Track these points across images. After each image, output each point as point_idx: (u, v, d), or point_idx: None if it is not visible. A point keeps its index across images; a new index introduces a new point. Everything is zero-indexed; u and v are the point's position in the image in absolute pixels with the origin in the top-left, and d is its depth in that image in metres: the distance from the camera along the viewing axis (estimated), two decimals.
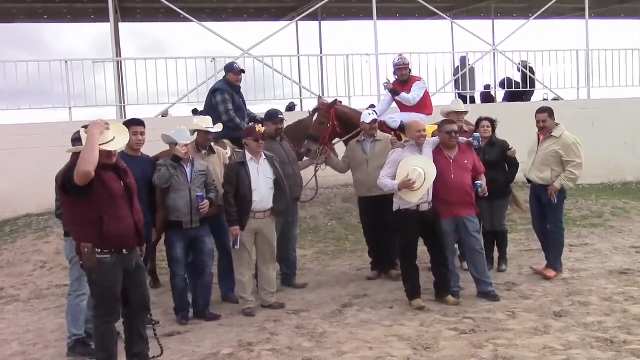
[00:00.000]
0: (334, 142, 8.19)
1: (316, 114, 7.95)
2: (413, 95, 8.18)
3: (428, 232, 6.45)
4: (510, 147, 7.43)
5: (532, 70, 14.17)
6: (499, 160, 7.42)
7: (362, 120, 7.50)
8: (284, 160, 7.03)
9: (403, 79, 8.41)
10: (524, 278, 7.20)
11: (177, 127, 6.50)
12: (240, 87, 8.21)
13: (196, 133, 6.64)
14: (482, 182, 6.46)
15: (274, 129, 7.16)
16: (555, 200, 7.02)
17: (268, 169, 6.52)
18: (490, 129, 7.49)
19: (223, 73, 11.93)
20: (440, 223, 6.44)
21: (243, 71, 8.24)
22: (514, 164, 7.48)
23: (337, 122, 7.90)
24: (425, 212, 6.32)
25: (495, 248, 7.73)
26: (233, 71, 8.09)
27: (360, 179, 7.50)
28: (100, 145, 4.42)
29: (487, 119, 7.57)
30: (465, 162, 6.48)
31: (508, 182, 7.57)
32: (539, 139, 7.17)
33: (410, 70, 8.56)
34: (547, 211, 7.16)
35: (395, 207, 6.42)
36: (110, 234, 4.49)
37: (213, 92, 7.99)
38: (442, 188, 6.39)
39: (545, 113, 7.12)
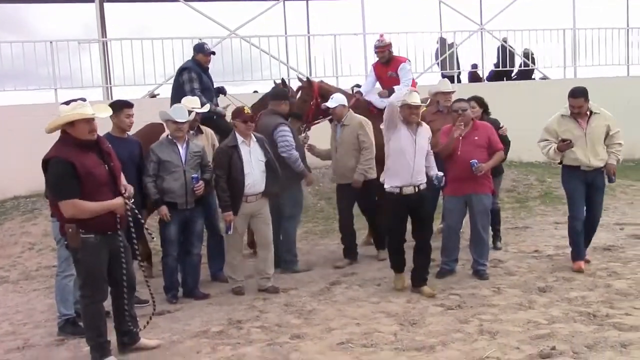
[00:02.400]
0: (317, 120, 8.11)
1: (299, 92, 7.86)
2: (405, 83, 8.03)
3: (414, 217, 6.21)
4: (501, 125, 7.44)
5: (532, 59, 14.29)
6: None
7: (328, 104, 7.33)
8: (298, 144, 7.08)
9: (383, 60, 8.35)
10: (509, 255, 7.29)
11: (176, 104, 6.49)
12: (208, 67, 8.01)
13: (193, 112, 6.60)
14: (478, 160, 6.27)
15: (287, 109, 7.17)
16: (615, 179, 6.66)
17: (259, 151, 6.36)
18: (476, 108, 7.44)
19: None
20: (428, 208, 6.34)
21: (213, 53, 8.07)
22: (505, 142, 7.48)
23: (320, 99, 7.81)
24: (410, 195, 6.04)
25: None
26: (203, 52, 7.86)
27: (332, 165, 7.39)
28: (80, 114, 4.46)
29: (474, 98, 7.56)
30: (476, 138, 6.39)
31: (501, 161, 7.56)
32: (577, 122, 6.49)
33: (390, 52, 8.39)
34: (597, 195, 6.67)
35: (381, 179, 6.24)
36: (92, 218, 4.49)
37: (180, 71, 7.80)
38: (451, 165, 6.41)
39: (582, 98, 6.40)
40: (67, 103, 4.52)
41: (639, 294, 5.61)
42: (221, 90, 8.30)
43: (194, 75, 7.65)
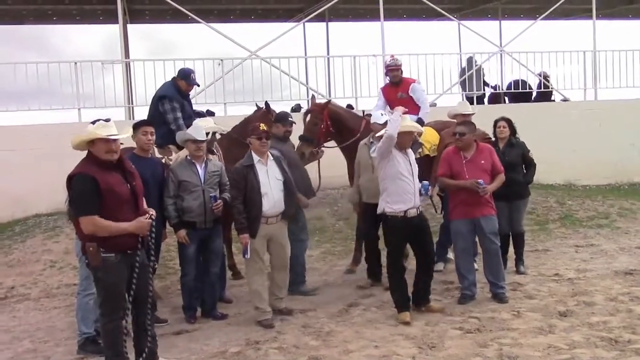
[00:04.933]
0: (328, 145, 8.03)
1: (309, 115, 7.76)
2: (424, 106, 8.01)
3: (416, 240, 6.18)
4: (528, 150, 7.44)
5: (547, 79, 14.27)
6: (518, 162, 7.37)
7: (373, 122, 7.17)
8: (297, 163, 7.01)
9: (395, 80, 8.32)
10: (529, 278, 7.22)
11: (193, 124, 6.57)
12: (189, 94, 7.92)
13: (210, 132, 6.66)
14: (483, 180, 6.24)
15: (283, 131, 7.10)
16: None
17: (276, 170, 6.21)
18: (507, 129, 7.42)
19: (231, 74, 12.09)
20: (429, 230, 6.28)
21: (197, 84, 7.99)
22: (531, 165, 7.47)
23: (330, 122, 7.75)
24: (413, 219, 6.04)
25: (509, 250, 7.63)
26: (187, 80, 7.62)
27: (364, 184, 7.15)
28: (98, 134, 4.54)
29: (503, 119, 7.52)
30: (482, 162, 6.37)
31: (527, 183, 7.53)
32: None
33: (402, 72, 8.40)
34: None
35: (379, 210, 6.15)
36: (113, 237, 4.55)
37: (160, 98, 7.48)
38: (457, 189, 6.40)
39: None
40: (94, 122, 4.63)
41: None
42: (210, 113, 8.18)
43: (176, 104, 7.40)
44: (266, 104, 7.81)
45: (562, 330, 5.41)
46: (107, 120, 4.66)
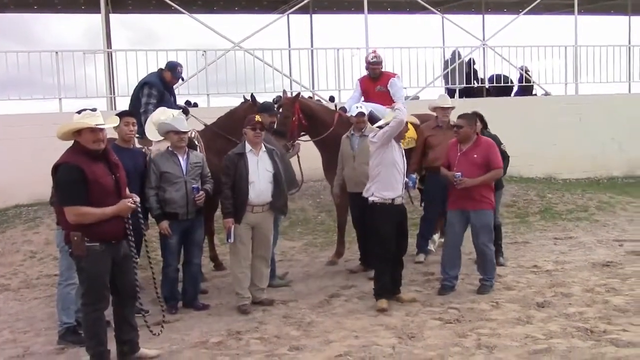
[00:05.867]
0: (302, 137, 8.03)
1: (280, 109, 7.77)
2: (400, 100, 7.98)
3: (399, 228, 6.29)
4: (501, 143, 7.50)
5: (528, 73, 14.39)
6: None
7: (349, 114, 7.39)
8: (282, 154, 7.02)
9: (375, 75, 8.42)
10: (508, 270, 7.30)
11: (174, 115, 6.56)
12: (173, 86, 8.05)
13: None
14: (460, 174, 6.31)
15: (268, 122, 7.06)
16: None
17: (267, 161, 6.27)
18: (479, 123, 7.50)
19: (214, 66, 12.06)
20: (407, 221, 6.43)
21: (183, 79, 8.16)
22: (505, 157, 7.54)
23: (302, 115, 7.74)
24: (400, 206, 6.23)
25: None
26: (173, 73, 7.85)
27: (348, 174, 7.32)
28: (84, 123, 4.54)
29: (475, 113, 7.59)
30: (475, 156, 6.39)
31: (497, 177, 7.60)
32: None
33: (382, 66, 8.53)
34: None
35: (368, 195, 6.22)
36: (98, 227, 4.55)
37: (142, 85, 7.71)
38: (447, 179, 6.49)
39: None
40: (80, 112, 4.62)
41: (637, 310, 5.63)
42: (194, 105, 8.19)
43: (155, 92, 7.58)
44: (252, 96, 7.80)
45: (539, 321, 5.49)
46: (94, 109, 4.66)
